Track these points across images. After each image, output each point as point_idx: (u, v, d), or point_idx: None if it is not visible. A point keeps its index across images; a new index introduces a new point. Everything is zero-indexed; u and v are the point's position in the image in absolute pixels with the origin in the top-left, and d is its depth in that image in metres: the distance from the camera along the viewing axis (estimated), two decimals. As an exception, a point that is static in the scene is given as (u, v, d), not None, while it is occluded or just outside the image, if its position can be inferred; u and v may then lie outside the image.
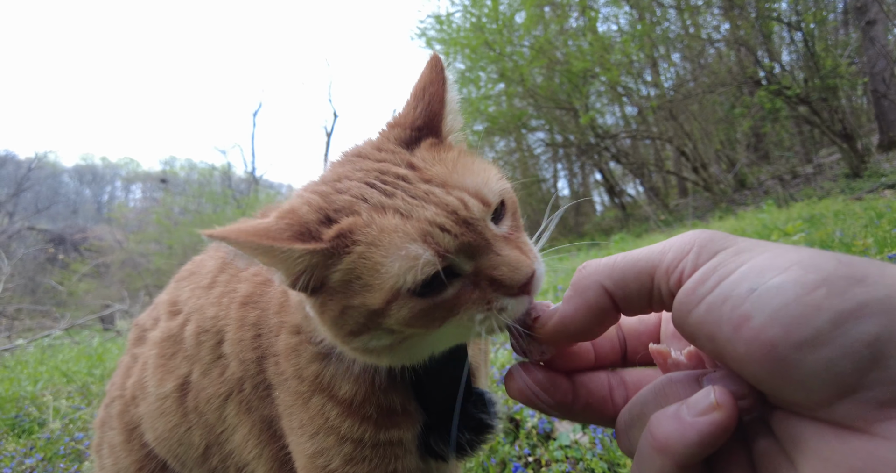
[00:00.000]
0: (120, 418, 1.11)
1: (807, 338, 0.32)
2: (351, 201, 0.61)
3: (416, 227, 0.56)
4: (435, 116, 0.71)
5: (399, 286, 0.55)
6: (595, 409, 0.51)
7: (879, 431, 0.31)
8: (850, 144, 8.47)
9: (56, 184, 63.34)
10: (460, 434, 0.79)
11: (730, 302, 0.36)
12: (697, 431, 0.37)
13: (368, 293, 0.57)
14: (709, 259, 0.40)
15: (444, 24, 14.07)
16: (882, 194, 6.36)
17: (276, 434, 0.87)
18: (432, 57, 0.76)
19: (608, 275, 0.46)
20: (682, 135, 11.65)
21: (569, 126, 13.34)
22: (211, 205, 20.21)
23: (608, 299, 0.46)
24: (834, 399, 0.33)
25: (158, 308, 1.12)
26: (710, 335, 0.38)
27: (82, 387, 3.60)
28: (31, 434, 2.66)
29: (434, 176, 0.62)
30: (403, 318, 0.57)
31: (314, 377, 0.78)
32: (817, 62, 8.86)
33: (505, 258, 0.57)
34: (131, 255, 19.72)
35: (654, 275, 0.44)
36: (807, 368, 0.33)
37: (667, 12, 11.70)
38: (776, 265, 0.36)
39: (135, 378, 1.09)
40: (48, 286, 19.20)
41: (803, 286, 0.34)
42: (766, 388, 0.37)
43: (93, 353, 5.61)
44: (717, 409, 0.37)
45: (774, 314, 0.34)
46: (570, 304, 0.48)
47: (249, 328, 0.87)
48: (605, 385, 0.52)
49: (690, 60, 12.62)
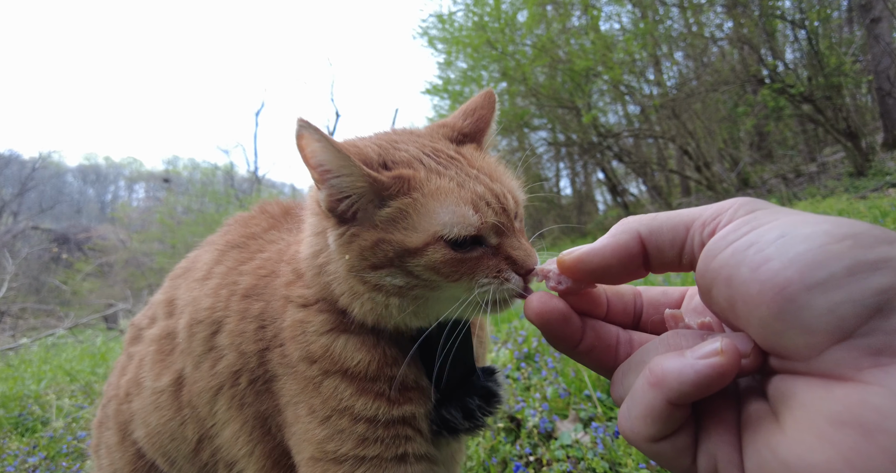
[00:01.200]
0: (115, 417, 1.11)
1: (819, 281, 0.33)
2: (409, 159, 0.72)
3: (469, 195, 0.67)
4: (480, 131, 0.85)
5: (442, 234, 0.65)
6: (598, 355, 0.53)
7: (866, 377, 0.31)
8: (855, 142, 8.41)
9: (60, 184, 63.61)
10: (470, 399, 0.82)
11: (755, 246, 0.37)
12: (696, 371, 0.38)
13: (412, 233, 0.66)
14: (745, 214, 0.42)
15: (446, 23, 14.05)
16: (887, 193, 6.33)
17: (271, 431, 0.86)
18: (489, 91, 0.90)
19: (647, 223, 0.48)
20: (685, 134, 11.61)
21: (571, 125, 13.31)
22: (214, 204, 20.23)
23: (639, 244, 0.48)
24: (829, 344, 0.33)
25: (154, 308, 1.12)
26: (728, 277, 0.38)
27: (85, 386, 3.62)
28: (34, 433, 2.67)
29: (480, 167, 0.74)
30: (433, 261, 0.65)
31: (324, 351, 0.78)
32: (821, 60, 8.80)
33: (523, 246, 0.68)
34: (134, 254, 19.79)
35: (691, 227, 0.45)
36: (812, 310, 0.33)
37: (669, 10, 11.65)
38: (809, 221, 0.37)
39: (130, 376, 1.09)
40: (52, 286, 19.30)
41: (831, 236, 0.34)
42: (769, 335, 0.37)
43: (96, 352, 5.64)
44: (719, 354, 0.38)
45: (795, 257, 0.34)
46: (601, 241, 0.50)
47: (252, 319, 0.86)
48: (614, 336, 0.53)
49: (693, 59, 12.57)
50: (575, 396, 1.95)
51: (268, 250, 0.97)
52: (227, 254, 1.00)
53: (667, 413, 0.40)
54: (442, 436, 0.83)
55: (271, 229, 1.04)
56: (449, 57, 14.79)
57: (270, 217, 1.07)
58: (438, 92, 15.50)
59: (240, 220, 1.10)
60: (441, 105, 16.02)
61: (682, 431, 0.42)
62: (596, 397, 1.87)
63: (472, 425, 0.83)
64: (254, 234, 1.03)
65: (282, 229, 1.04)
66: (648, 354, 0.47)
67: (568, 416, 1.85)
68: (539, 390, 2.08)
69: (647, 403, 0.41)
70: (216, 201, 20.22)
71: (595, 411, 1.81)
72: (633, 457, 1.43)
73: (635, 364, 0.48)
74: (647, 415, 0.41)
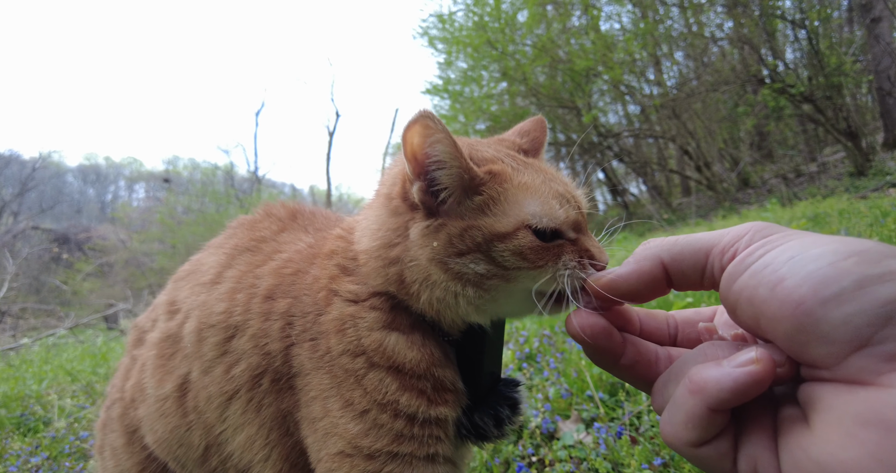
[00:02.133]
0: (120, 420, 1.10)
1: (831, 295, 0.36)
2: (493, 158, 0.77)
3: (554, 191, 0.73)
4: (536, 149, 0.91)
5: (530, 222, 0.70)
6: (639, 370, 0.56)
7: (885, 381, 0.34)
8: (855, 142, 8.42)
9: (60, 184, 63.60)
10: (500, 408, 0.84)
11: (770, 267, 0.41)
12: (734, 379, 0.41)
13: (502, 218, 0.71)
14: (760, 239, 0.45)
15: (446, 22, 14.05)
16: (887, 193, 6.33)
17: (289, 430, 0.86)
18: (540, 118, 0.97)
19: (668, 249, 0.52)
20: (686, 133, 11.61)
21: (571, 125, 13.31)
22: (214, 204, 20.24)
23: (662, 270, 0.52)
24: (849, 353, 0.36)
25: (157, 310, 1.11)
26: (750, 298, 0.42)
27: (87, 386, 3.62)
28: (36, 433, 2.67)
29: (552, 173, 0.79)
30: (521, 245, 0.69)
31: (377, 346, 0.78)
32: (822, 60, 8.80)
33: (595, 243, 0.73)
34: (135, 254, 19.79)
35: (710, 253, 0.49)
36: (829, 322, 0.36)
37: (670, 10, 11.66)
38: (818, 242, 0.40)
39: (133, 380, 1.08)
40: (52, 286, 19.31)
41: (839, 254, 0.38)
42: (794, 347, 0.40)
43: (97, 352, 5.64)
44: (755, 363, 0.41)
45: (807, 275, 0.38)
46: (627, 267, 0.54)
47: (278, 318, 0.86)
48: (653, 352, 0.57)
49: (694, 59, 12.57)
50: (577, 396, 1.95)
51: (285, 250, 0.97)
52: (237, 258, 1.00)
53: (707, 419, 0.43)
54: (468, 441, 0.84)
55: (282, 231, 1.04)
56: (449, 57, 14.80)
57: (278, 220, 1.07)
58: (439, 92, 15.51)
59: (245, 223, 1.10)
60: (441, 105, 16.02)
61: (723, 436, 0.45)
62: (598, 397, 1.87)
63: (499, 433, 0.84)
64: (264, 237, 1.03)
65: (294, 230, 1.04)
66: (686, 364, 0.50)
67: (570, 416, 1.85)
68: (541, 390, 2.08)
69: (688, 409, 0.44)
70: (216, 201, 20.22)
71: (597, 411, 1.82)
72: (635, 458, 1.43)
73: (674, 375, 0.50)
74: (689, 421, 0.44)
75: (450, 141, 0.69)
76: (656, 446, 1.51)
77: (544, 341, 2.64)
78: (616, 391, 1.95)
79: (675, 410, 0.45)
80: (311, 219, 1.08)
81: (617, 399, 1.89)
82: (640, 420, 1.70)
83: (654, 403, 0.53)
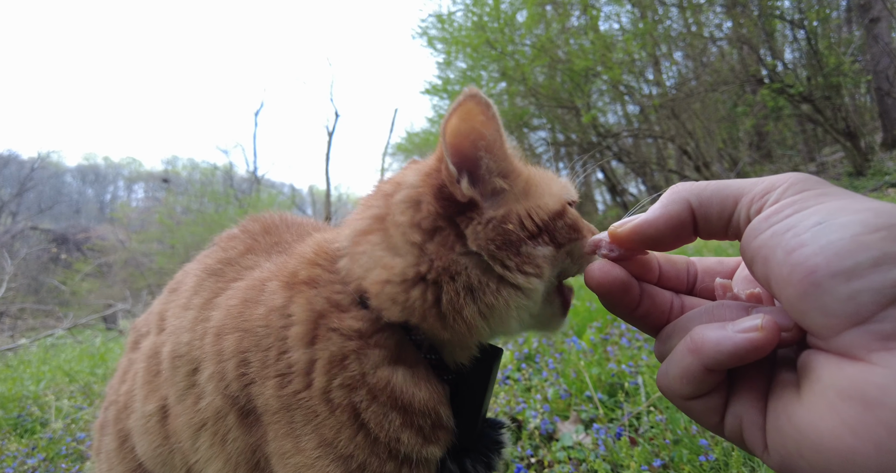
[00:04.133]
0: (114, 424, 1.09)
1: (844, 269, 0.35)
2: None
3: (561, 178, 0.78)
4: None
5: (565, 198, 0.73)
6: (653, 318, 0.56)
7: (874, 359, 0.34)
8: (854, 142, 8.42)
9: (59, 184, 63.51)
10: (491, 455, 0.80)
11: (793, 231, 0.39)
12: (734, 343, 0.41)
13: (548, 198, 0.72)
14: (793, 195, 0.43)
15: (445, 23, 14.04)
16: (886, 193, 6.33)
17: (259, 465, 0.79)
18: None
19: (697, 193, 0.50)
20: (685, 133, 11.61)
21: (571, 125, 13.31)
22: (213, 204, 20.24)
23: (690, 214, 0.50)
24: (845, 327, 0.35)
25: (152, 317, 1.09)
26: (766, 257, 0.41)
27: (85, 387, 3.61)
28: (33, 434, 2.66)
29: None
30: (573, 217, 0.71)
31: (384, 384, 0.70)
32: (820, 60, 8.81)
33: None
34: (134, 254, 19.78)
35: (740, 201, 0.47)
36: (833, 295, 0.35)
37: (669, 10, 11.66)
38: (851, 208, 0.38)
39: (128, 386, 1.07)
40: (51, 286, 19.28)
41: (866, 226, 0.36)
42: (795, 313, 0.40)
43: (95, 352, 5.63)
44: (759, 331, 0.41)
45: (827, 244, 0.36)
46: (654, 212, 0.52)
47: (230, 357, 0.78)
48: (668, 302, 0.56)
49: (693, 59, 12.57)
50: (576, 397, 1.95)
51: (243, 277, 0.90)
52: (204, 282, 0.95)
53: (701, 377, 0.44)
54: None
55: (247, 252, 0.97)
56: (448, 57, 14.79)
57: (250, 237, 1.01)
58: (438, 92, 15.51)
59: (221, 241, 1.05)
60: (440, 105, 16.03)
61: (715, 392, 0.45)
62: (597, 398, 1.87)
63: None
64: (230, 259, 0.96)
65: (258, 251, 0.97)
66: (692, 321, 0.50)
67: (569, 417, 1.84)
68: (540, 391, 2.07)
69: (684, 366, 0.45)
70: (215, 201, 20.21)
71: (596, 412, 1.81)
72: (634, 459, 1.42)
73: (679, 329, 0.51)
74: (683, 377, 0.45)
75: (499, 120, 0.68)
76: (656, 447, 1.51)
77: (543, 341, 2.64)
78: (615, 391, 1.95)
79: (672, 364, 0.46)
80: (282, 235, 1.00)
81: (616, 400, 1.88)
82: (640, 421, 1.69)
83: (655, 350, 0.54)
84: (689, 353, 0.44)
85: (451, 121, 0.65)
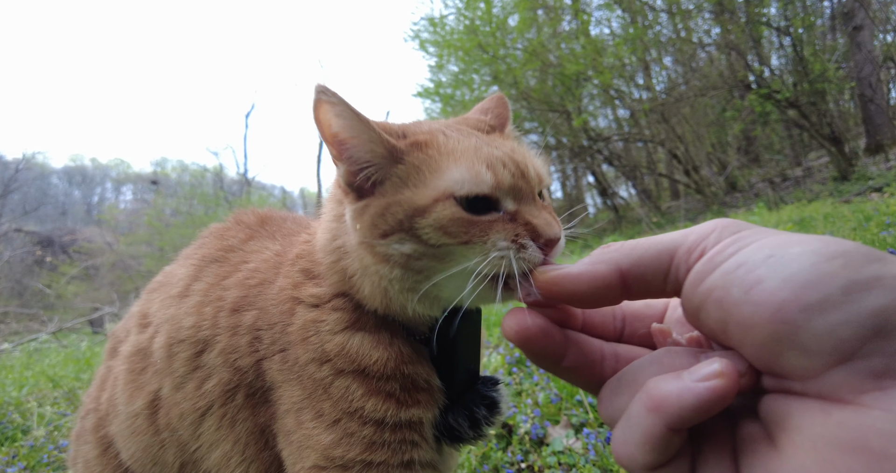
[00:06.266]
0: (94, 432, 1.07)
1: (815, 302, 0.32)
2: (431, 131, 0.72)
3: (485, 156, 0.66)
4: (503, 124, 0.87)
5: (452, 191, 0.63)
6: (583, 371, 0.50)
7: (867, 401, 0.31)
8: (839, 147, 8.57)
9: (44, 185, 62.48)
10: (476, 409, 0.80)
11: (745, 267, 0.37)
12: (696, 395, 0.37)
13: (422, 189, 0.65)
14: (730, 235, 0.41)
15: (437, 26, 14.08)
16: (870, 197, 6.45)
17: (268, 443, 0.83)
18: (499, 95, 0.91)
19: (627, 254, 0.46)
20: (674, 138, 11.73)
21: (562, 128, 13.38)
22: (203, 206, 20.07)
23: (617, 277, 0.46)
24: (829, 367, 0.32)
25: (130, 321, 1.08)
26: (719, 299, 0.38)
27: (69, 392, 3.54)
28: (14, 442, 2.60)
29: (502, 144, 0.74)
30: (441, 219, 0.62)
31: (340, 350, 0.75)
32: (806, 67, 8.97)
33: (544, 214, 0.65)
34: (122, 257, 19.51)
35: (675, 255, 0.43)
36: (810, 331, 0.32)
37: (658, 16, 11.80)
38: (797, 240, 0.36)
39: (108, 394, 1.05)
40: (36, 289, 18.93)
41: (822, 256, 0.34)
42: (764, 356, 0.36)
43: (81, 357, 5.52)
44: (719, 377, 0.37)
45: (788, 277, 0.34)
46: (580, 267, 0.48)
47: (245, 332, 0.83)
48: (598, 351, 0.51)
49: (682, 64, 12.73)
50: (567, 401, 1.95)
51: (252, 260, 0.94)
52: (205, 269, 0.97)
53: (666, 440, 0.39)
54: (442, 443, 0.82)
55: (249, 239, 1.01)
56: (440, 60, 14.83)
57: (247, 228, 1.04)
58: (430, 95, 15.53)
59: (215, 232, 1.07)
60: (432, 108, 16.05)
61: (681, 457, 0.40)
62: (588, 402, 1.87)
63: (475, 434, 0.81)
64: (231, 246, 0.99)
65: (261, 237, 1.01)
66: (641, 373, 0.45)
67: (560, 422, 1.84)
68: (531, 395, 2.07)
69: (645, 429, 0.39)
70: (205, 203, 20.04)
71: (587, 416, 1.81)
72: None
73: (626, 383, 0.45)
74: (646, 442, 0.39)
75: (351, 114, 0.66)
76: (645, 451, 1.51)
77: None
78: (605, 395, 1.95)
79: (630, 429, 0.40)
80: (281, 225, 1.04)
81: (606, 404, 1.89)
82: (630, 425, 1.69)
83: (601, 411, 0.47)
84: (649, 412, 0.38)
85: (315, 116, 0.68)
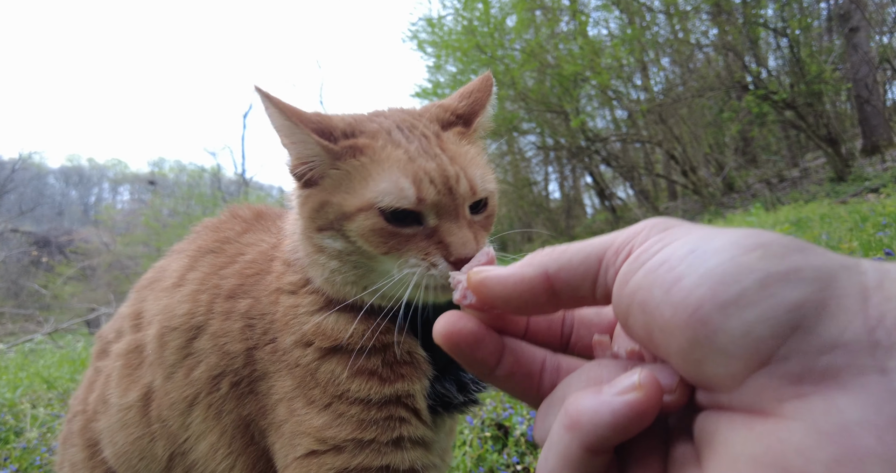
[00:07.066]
0: (81, 434, 1.06)
1: (732, 298, 0.29)
2: (376, 130, 0.75)
3: (414, 169, 0.67)
4: (474, 112, 0.86)
5: (375, 202, 0.66)
6: (518, 382, 0.46)
7: (787, 411, 0.27)
8: (835, 148, 8.60)
9: (41, 185, 62.24)
10: (462, 373, 0.81)
11: (667, 264, 0.33)
12: (612, 410, 0.33)
13: (350, 196, 0.68)
14: (659, 233, 0.38)
15: (435, 26, 14.09)
16: (866, 198, 6.47)
17: (254, 438, 0.84)
18: (487, 74, 0.91)
19: (556, 258, 0.42)
20: (672, 138, 11.76)
21: (560, 129, 13.40)
22: (200, 207, 20.00)
23: (544, 282, 0.42)
24: (749, 371, 0.29)
25: (120, 321, 1.08)
26: (643, 302, 0.34)
27: (63, 393, 3.52)
28: (6, 444, 2.58)
29: (448, 149, 0.74)
30: (362, 228, 0.67)
31: (316, 328, 0.78)
32: (803, 68, 9.00)
33: (462, 233, 0.67)
34: (119, 257, 19.45)
35: (604, 257, 0.40)
36: (728, 332, 0.29)
37: (656, 17, 11.83)
38: (719, 233, 0.34)
39: (97, 393, 1.04)
40: (31, 290, 18.83)
41: (741, 247, 0.31)
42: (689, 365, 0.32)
43: (76, 358, 5.50)
44: (637, 390, 0.33)
45: (706, 273, 0.31)
46: (508, 269, 0.44)
47: (238, 317, 0.85)
48: (538, 361, 0.46)
49: (680, 65, 12.76)
50: (563, 402, 1.95)
51: (248, 252, 0.96)
52: (200, 260, 0.97)
53: (584, 462, 0.34)
54: (437, 413, 0.82)
55: (245, 232, 1.02)
56: (438, 60, 14.85)
57: (243, 221, 1.06)
58: (428, 95, 15.52)
59: (210, 226, 1.08)
60: (431, 108, 16.04)
61: None
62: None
63: (466, 399, 0.81)
64: (228, 238, 1.01)
65: (257, 231, 1.02)
66: (569, 388, 0.41)
67: (556, 423, 1.84)
68: (527, 396, 2.07)
69: (562, 449, 0.35)
70: (203, 203, 19.97)
71: (583, 417, 1.81)
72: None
73: (556, 401, 0.41)
74: (564, 466, 0.35)
75: (283, 118, 0.70)
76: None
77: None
78: (602, 396, 1.94)
79: (549, 450, 0.36)
80: (276, 220, 1.06)
81: (602, 405, 1.88)
82: (625, 427, 1.69)
83: (534, 434, 0.42)
84: (567, 431, 0.34)
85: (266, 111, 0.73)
